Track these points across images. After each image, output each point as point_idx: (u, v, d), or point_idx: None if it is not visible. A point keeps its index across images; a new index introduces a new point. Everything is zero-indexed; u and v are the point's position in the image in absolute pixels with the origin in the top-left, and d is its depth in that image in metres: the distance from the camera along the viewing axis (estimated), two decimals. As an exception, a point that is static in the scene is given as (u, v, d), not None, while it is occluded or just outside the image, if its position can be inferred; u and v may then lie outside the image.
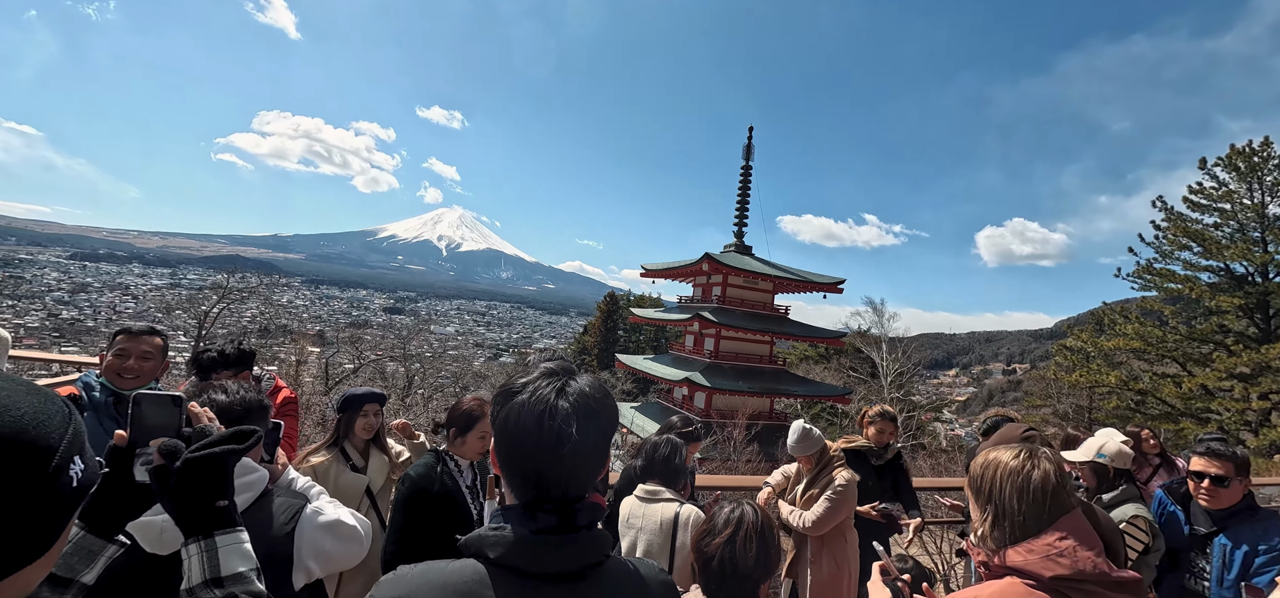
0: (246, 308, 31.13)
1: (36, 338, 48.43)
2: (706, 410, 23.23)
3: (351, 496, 2.61)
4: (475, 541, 0.93)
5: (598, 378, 1.03)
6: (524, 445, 0.93)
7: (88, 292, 79.44)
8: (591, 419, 0.95)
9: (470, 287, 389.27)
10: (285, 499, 1.45)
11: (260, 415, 1.46)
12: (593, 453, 0.96)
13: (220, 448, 1.00)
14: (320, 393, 21.32)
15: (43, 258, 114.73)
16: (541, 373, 0.99)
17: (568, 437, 0.92)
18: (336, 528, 1.48)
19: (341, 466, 2.62)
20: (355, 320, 75.41)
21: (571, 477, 0.94)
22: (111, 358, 2.38)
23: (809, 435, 3.29)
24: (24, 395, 0.64)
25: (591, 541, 0.95)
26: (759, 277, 26.25)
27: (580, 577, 0.94)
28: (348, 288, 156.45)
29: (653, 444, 2.61)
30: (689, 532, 2.27)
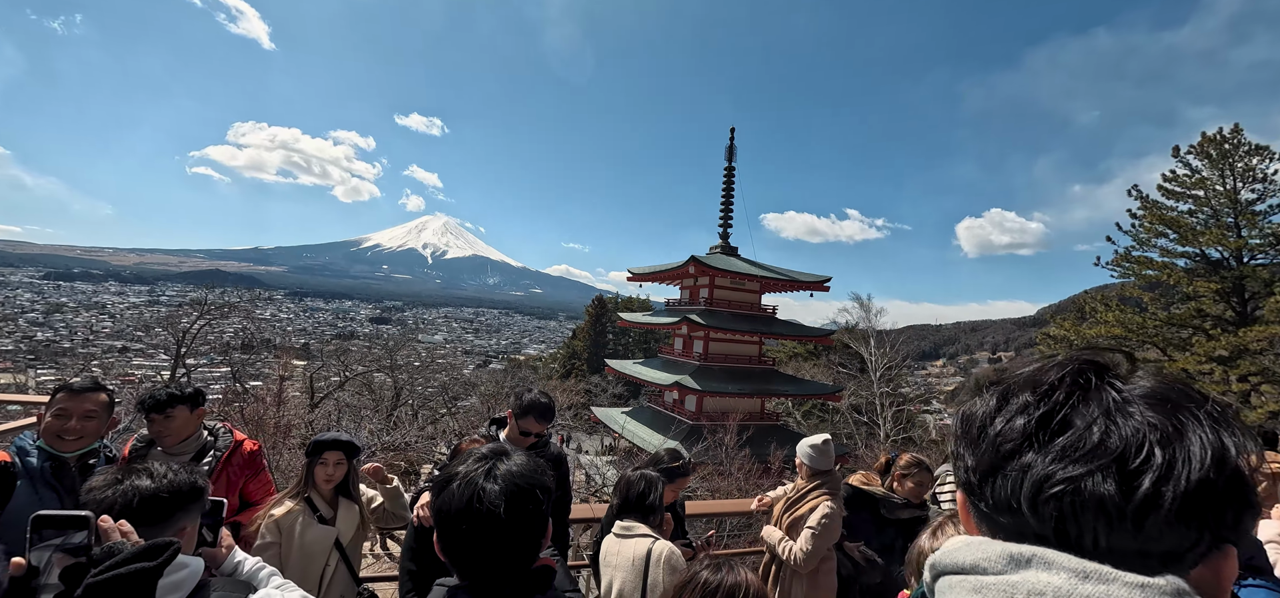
0: (228, 323, 30.49)
1: (11, 361, 47.19)
2: (697, 413, 23.17)
3: (319, 549, 2.47)
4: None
5: (529, 457, 1.11)
6: (458, 529, 1.00)
7: (62, 312, 77.59)
8: (519, 496, 1.02)
9: (457, 294, 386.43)
10: (223, 593, 1.33)
11: (193, 499, 1.33)
12: (525, 527, 1.03)
13: (130, 567, 0.88)
14: (307, 408, 20.95)
15: (15, 279, 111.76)
16: (474, 458, 1.06)
17: (496, 517, 0.99)
18: None
19: (309, 517, 2.47)
20: (341, 332, 74.50)
21: (507, 553, 1.01)
22: (50, 419, 2.21)
23: (825, 450, 3.17)
24: None
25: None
26: (746, 278, 26.26)
27: None
28: (333, 299, 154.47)
29: (628, 481, 2.52)
30: (660, 569, 2.23)
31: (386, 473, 2.81)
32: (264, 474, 2.92)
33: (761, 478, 12.81)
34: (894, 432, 27.41)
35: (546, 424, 2.88)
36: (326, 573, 2.50)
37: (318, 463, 2.53)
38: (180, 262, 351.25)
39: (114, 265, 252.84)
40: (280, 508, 2.45)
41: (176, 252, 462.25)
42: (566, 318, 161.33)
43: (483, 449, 1.11)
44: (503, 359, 73.38)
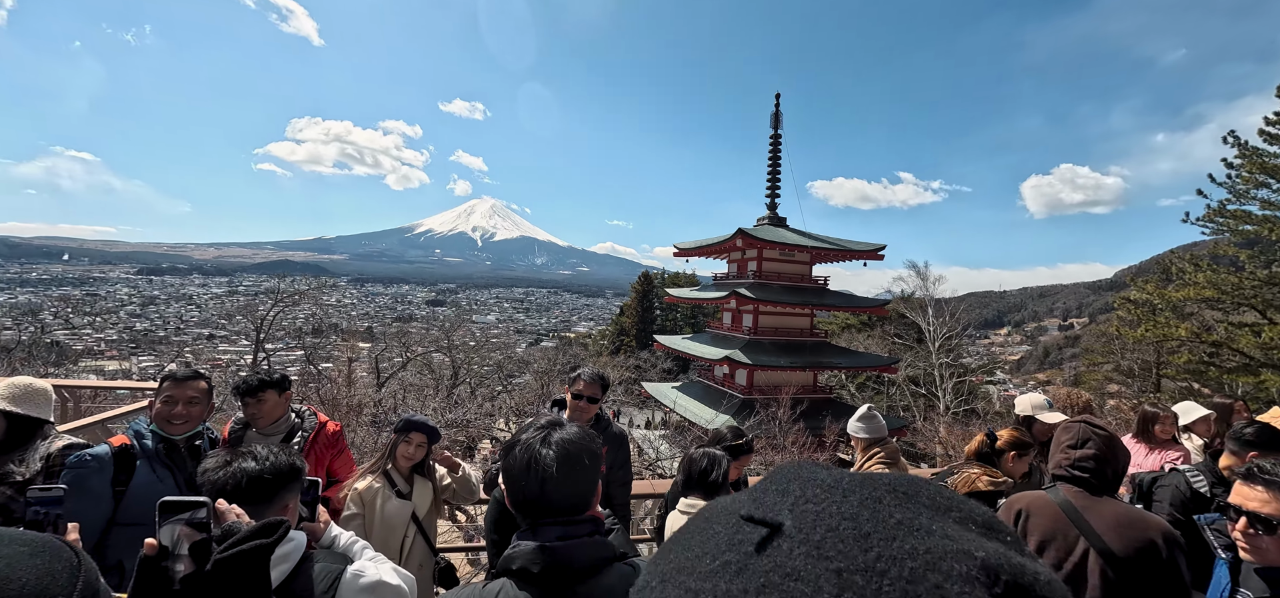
0: (299, 310, 32.56)
1: (116, 349, 51.95)
2: (748, 387, 23.02)
3: (398, 521, 2.65)
4: (502, 562, 1.16)
5: (582, 428, 1.27)
6: (519, 486, 1.20)
7: (156, 304, 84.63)
8: (570, 460, 1.19)
9: (507, 275, 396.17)
10: (325, 564, 1.44)
11: (293, 480, 1.44)
12: (576, 485, 1.20)
13: (250, 544, 0.98)
14: (374, 387, 22.18)
15: (113, 275, 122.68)
16: (533, 427, 1.25)
17: (550, 476, 1.17)
18: (378, 590, 1.46)
19: (388, 491, 2.65)
20: (400, 315, 77.88)
21: (561, 504, 1.18)
22: (160, 405, 2.43)
23: (872, 419, 3.15)
24: (27, 561, 0.61)
25: (593, 547, 1.17)
26: (795, 249, 25.64)
27: (585, 579, 1.14)
28: (391, 284, 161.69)
29: (691, 459, 2.53)
30: None
31: (455, 462, 2.96)
32: (347, 453, 3.13)
33: (816, 453, 12.65)
34: (955, 404, 26.37)
35: (602, 393, 2.97)
36: (406, 543, 2.67)
37: (403, 441, 2.70)
38: (253, 253, 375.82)
39: (196, 259, 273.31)
40: (362, 482, 2.63)
41: (249, 244, 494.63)
42: (613, 295, 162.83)
43: (542, 420, 1.29)
44: (553, 337, 74.99)
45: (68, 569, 0.64)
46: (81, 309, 60.50)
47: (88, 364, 38.97)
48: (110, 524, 2.23)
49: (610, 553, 1.20)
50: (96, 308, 72.95)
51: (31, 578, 0.60)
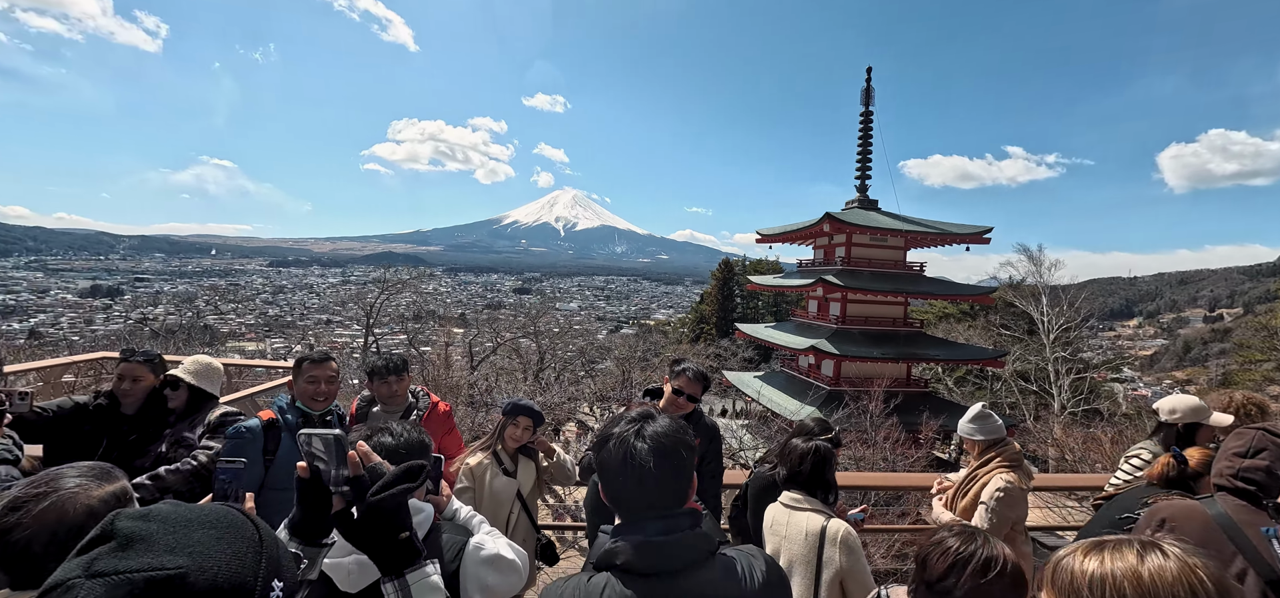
0: (402, 298, 35.28)
1: (253, 332, 59.05)
2: (835, 379, 22.12)
3: (505, 498, 2.78)
4: (604, 556, 1.16)
5: (674, 420, 1.25)
6: (616, 480, 1.19)
7: (284, 292, 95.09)
8: (666, 454, 1.17)
9: (588, 263, 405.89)
10: (451, 535, 1.53)
11: (423, 454, 1.54)
12: (673, 478, 1.18)
13: (396, 488, 1.06)
14: (468, 370, 23.61)
15: (250, 267, 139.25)
16: (626, 420, 1.23)
17: (648, 472, 1.15)
18: (497, 562, 1.53)
19: (496, 469, 2.80)
20: (490, 302, 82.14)
21: (659, 498, 1.17)
22: (305, 385, 2.72)
23: (987, 419, 2.90)
24: (215, 546, 0.63)
25: (692, 540, 1.15)
26: (887, 233, 24.17)
27: (687, 572, 1.13)
28: (481, 273, 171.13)
29: (798, 452, 2.43)
30: (837, 548, 2.17)
31: (552, 447, 3.07)
32: (455, 432, 3.35)
33: (908, 449, 11.91)
34: (1072, 403, 23.87)
35: (702, 392, 2.93)
36: (511, 519, 2.81)
37: (511, 423, 2.85)
38: (361, 246, 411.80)
39: (316, 252, 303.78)
40: (474, 458, 2.80)
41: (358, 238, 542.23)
42: (692, 282, 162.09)
43: (633, 413, 1.28)
44: (633, 324, 75.99)
45: (253, 548, 0.67)
46: (226, 297, 69.28)
47: (232, 345, 44.64)
48: (261, 488, 2.53)
49: (711, 546, 1.19)
50: (237, 296, 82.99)
51: (224, 566, 0.62)
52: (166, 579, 0.58)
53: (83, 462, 1.24)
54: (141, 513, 0.66)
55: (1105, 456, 10.63)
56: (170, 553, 0.60)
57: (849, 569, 2.15)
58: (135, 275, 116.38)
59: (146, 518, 0.64)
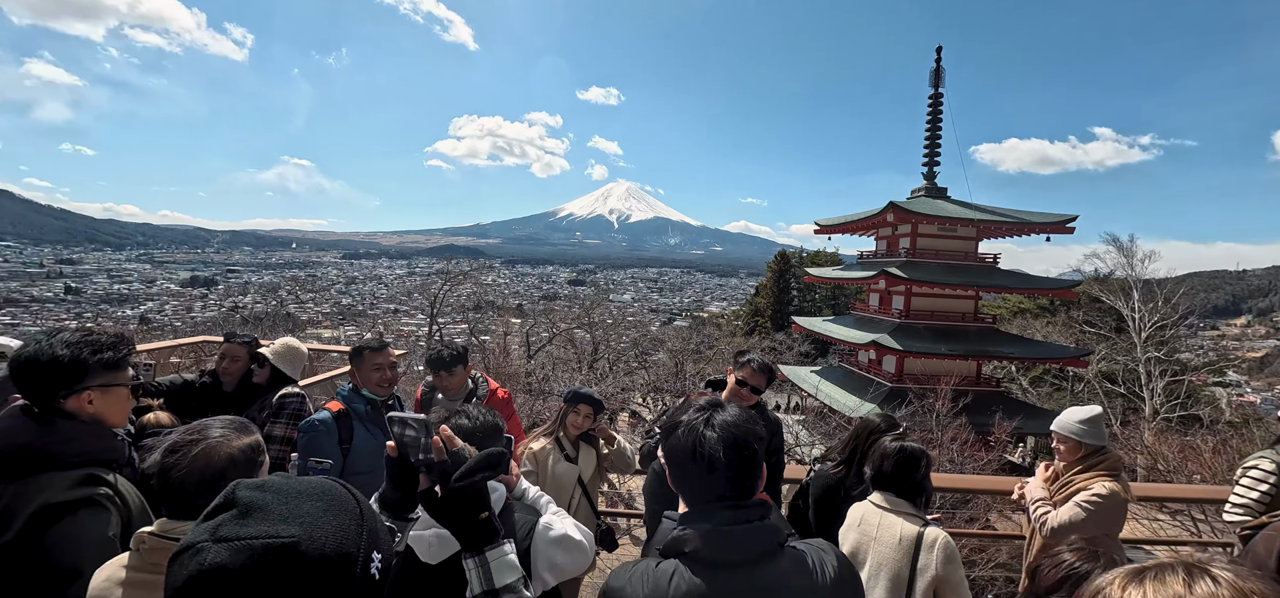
0: (463, 288, 36.64)
1: (329, 320, 63.05)
2: (897, 375, 21.24)
3: (566, 483, 2.85)
4: (672, 544, 1.16)
5: (743, 410, 1.24)
6: (684, 468, 1.20)
7: (356, 282, 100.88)
8: (737, 444, 1.16)
9: (641, 255, 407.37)
10: (522, 515, 1.58)
11: (497, 436, 1.59)
12: (743, 468, 1.17)
13: (480, 474, 1.11)
14: (525, 359, 24.30)
15: (325, 259, 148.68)
16: (694, 409, 1.23)
17: (717, 460, 1.15)
18: (565, 542, 1.57)
19: (558, 454, 2.87)
20: (546, 294, 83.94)
21: (728, 488, 1.17)
22: (370, 372, 2.84)
23: (1097, 423, 2.69)
24: (323, 517, 0.68)
25: (762, 532, 1.15)
26: (957, 223, 22.88)
27: (756, 563, 1.12)
28: (537, 265, 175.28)
29: (884, 452, 2.30)
30: (936, 556, 2.07)
31: (613, 435, 3.12)
32: (515, 417, 3.44)
33: (978, 451, 11.28)
34: (1166, 408, 21.89)
35: (767, 384, 2.89)
36: (572, 504, 2.87)
37: (572, 411, 2.91)
38: (426, 239, 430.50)
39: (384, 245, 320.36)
40: (537, 443, 2.89)
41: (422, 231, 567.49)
42: (747, 274, 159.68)
43: (701, 401, 1.29)
44: (686, 316, 75.69)
45: (356, 521, 0.71)
46: (305, 287, 74.18)
47: (310, 331, 47.87)
48: (341, 475, 2.67)
49: (780, 538, 1.17)
50: (315, 286, 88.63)
51: (332, 536, 0.67)
52: (281, 547, 0.63)
53: (225, 417, 1.43)
54: (258, 484, 0.71)
55: (1206, 466, 9.72)
56: (284, 523, 0.65)
57: (946, 578, 2.06)
58: (227, 267, 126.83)
59: (263, 489, 0.70)
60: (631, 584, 1.13)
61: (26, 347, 1.54)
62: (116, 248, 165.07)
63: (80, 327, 1.66)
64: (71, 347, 1.53)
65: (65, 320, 51.93)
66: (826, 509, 2.53)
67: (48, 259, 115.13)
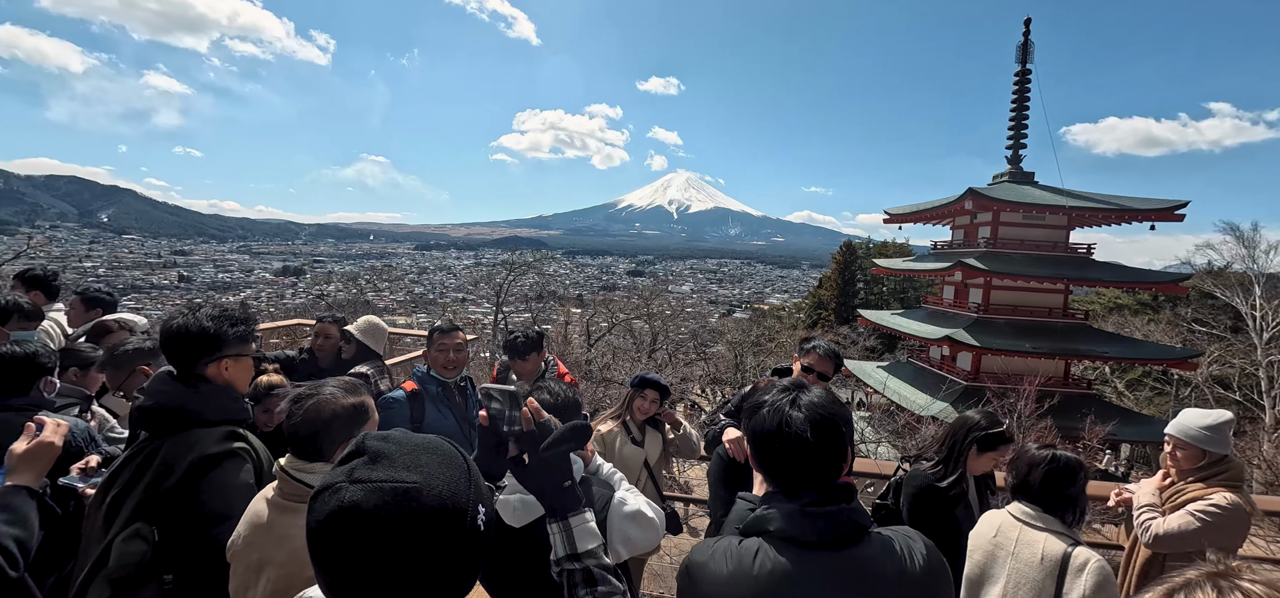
0: (526, 279, 37.78)
1: (403, 308, 66.82)
2: (973, 373, 20.05)
3: (633, 465, 2.90)
4: (756, 522, 1.16)
5: (828, 390, 1.23)
6: (769, 448, 1.18)
7: (427, 273, 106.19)
8: (823, 424, 1.15)
9: (700, 246, 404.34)
10: (598, 489, 1.63)
11: (577, 411, 1.66)
12: (827, 448, 1.15)
13: (564, 444, 1.17)
14: (585, 347, 24.79)
15: (399, 251, 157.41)
16: (778, 390, 1.23)
17: (804, 441, 1.13)
18: (639, 518, 1.61)
19: (625, 437, 2.92)
20: (606, 284, 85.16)
21: (815, 469, 1.15)
22: (436, 353, 3.00)
23: (1224, 430, 2.44)
24: (439, 469, 0.76)
25: (849, 514, 1.13)
26: (1046, 210, 21.23)
27: (840, 546, 1.11)
28: (597, 256, 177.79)
29: (1030, 460, 2.08)
30: (1087, 581, 1.84)
31: (680, 420, 3.14)
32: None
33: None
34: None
35: (834, 371, 2.83)
36: (638, 487, 2.92)
37: (638, 396, 2.95)
38: (491, 231, 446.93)
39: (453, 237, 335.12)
40: (604, 426, 2.95)
41: (487, 223, 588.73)
42: (810, 266, 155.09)
43: (784, 381, 1.28)
44: (746, 308, 74.56)
45: (465, 476, 0.79)
46: (382, 276, 78.87)
47: (387, 318, 50.97)
48: None
49: (866, 522, 1.15)
50: (390, 276, 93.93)
51: (446, 486, 0.74)
52: (405, 490, 0.71)
53: (344, 378, 1.68)
54: (383, 436, 0.80)
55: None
56: (407, 470, 0.73)
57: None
58: (313, 258, 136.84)
59: (387, 440, 0.78)
60: (714, 559, 1.13)
61: (175, 320, 1.76)
62: (220, 240, 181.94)
63: (218, 304, 1.89)
64: (213, 321, 1.75)
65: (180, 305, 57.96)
66: (923, 511, 2.37)
67: (164, 251, 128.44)
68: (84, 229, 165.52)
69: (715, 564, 1.13)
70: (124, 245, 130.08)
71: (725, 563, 1.12)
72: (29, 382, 2.03)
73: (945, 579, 1.16)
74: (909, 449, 11.86)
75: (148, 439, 1.66)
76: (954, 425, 2.53)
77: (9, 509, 1.38)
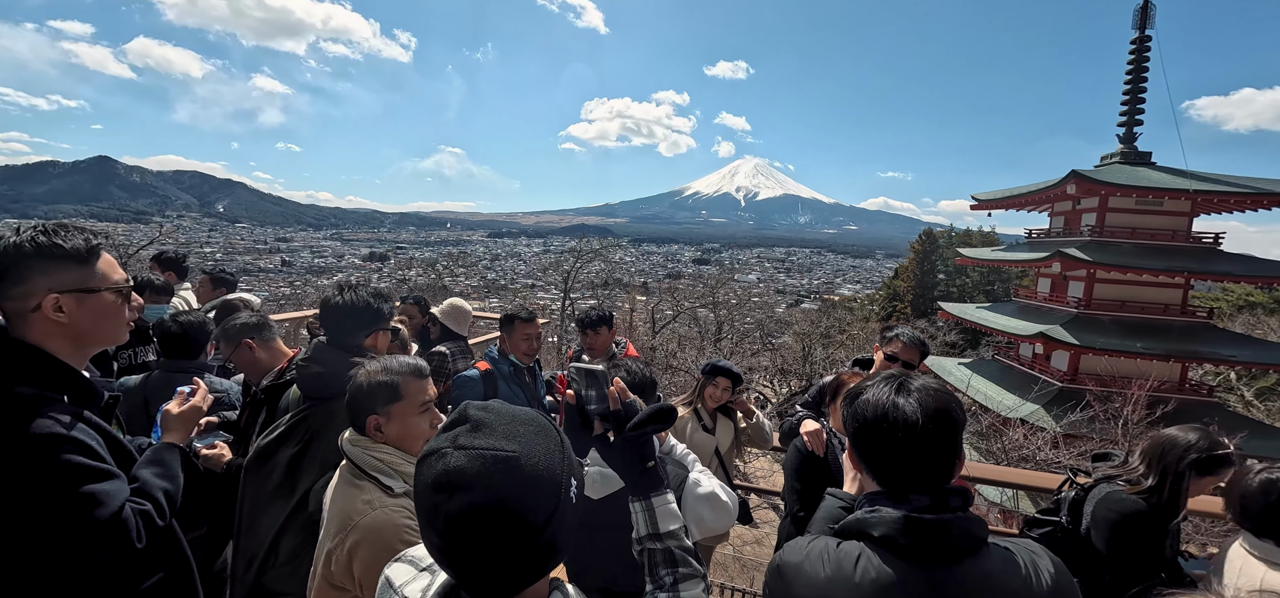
0: (593, 266, 38.42)
1: (477, 293, 70.00)
2: (1071, 374, 18.41)
3: (703, 452, 2.87)
4: (857, 524, 1.06)
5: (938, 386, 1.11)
6: (874, 441, 1.08)
7: (499, 259, 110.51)
8: (937, 417, 1.04)
9: (768, 234, 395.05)
10: (673, 469, 1.61)
11: (654, 390, 1.65)
12: (938, 439, 1.03)
13: (651, 426, 1.17)
14: (650, 335, 24.93)
15: (474, 239, 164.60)
16: (882, 379, 1.13)
17: (914, 434, 1.02)
18: (713, 500, 1.59)
19: (696, 424, 2.90)
20: (671, 272, 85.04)
21: (925, 467, 1.04)
22: (520, 341, 3.15)
23: None
24: (536, 440, 0.79)
25: (964, 523, 1.01)
26: (1165, 194, 19.02)
27: (956, 558, 0.99)
28: (663, 244, 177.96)
29: (1243, 488, 1.83)
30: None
31: (753, 409, 3.07)
32: None
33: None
34: None
35: (919, 360, 2.66)
36: (709, 474, 2.90)
37: (710, 383, 2.92)
38: (559, 219, 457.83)
39: (523, 225, 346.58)
40: (678, 411, 2.95)
41: (556, 211, 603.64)
42: (885, 256, 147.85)
43: (889, 372, 1.17)
44: (815, 299, 72.17)
45: (558, 449, 0.82)
46: (458, 263, 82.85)
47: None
48: None
49: (984, 532, 1.03)
50: (465, 262, 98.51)
51: (542, 458, 0.78)
52: (506, 458, 0.75)
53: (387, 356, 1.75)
54: (484, 406, 0.84)
55: None
56: (506, 439, 0.77)
57: None
58: (396, 244, 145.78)
59: (487, 410, 0.83)
60: (810, 561, 1.06)
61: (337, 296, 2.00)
62: (315, 228, 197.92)
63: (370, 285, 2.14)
64: (374, 298, 1.99)
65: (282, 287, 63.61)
66: (1129, 541, 2.00)
67: (269, 238, 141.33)
68: (204, 218, 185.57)
69: (810, 567, 1.05)
70: (236, 232, 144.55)
71: (822, 567, 1.04)
72: (200, 347, 2.39)
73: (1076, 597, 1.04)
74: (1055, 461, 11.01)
75: (312, 404, 1.88)
76: (1162, 445, 2.14)
77: (161, 464, 1.53)
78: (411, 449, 1.57)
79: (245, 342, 2.24)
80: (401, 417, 1.56)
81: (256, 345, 2.23)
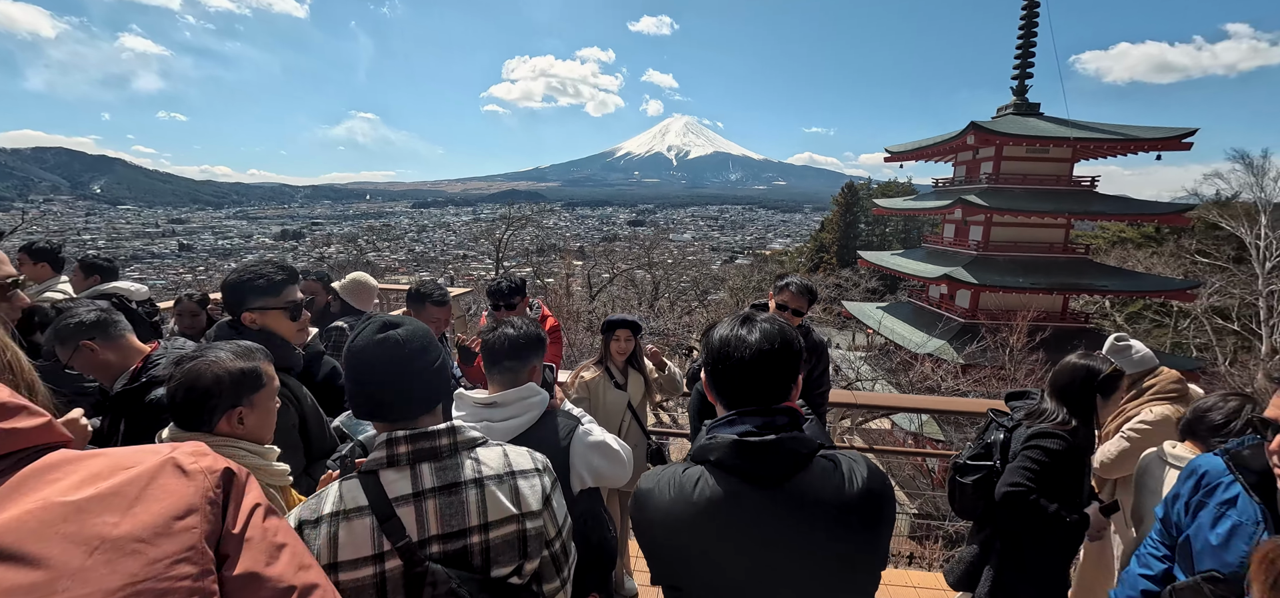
0: (525, 232, 37.60)
1: (405, 268, 66.86)
2: (972, 311, 20.16)
3: (616, 410, 2.98)
4: (699, 449, 1.16)
5: (783, 321, 1.20)
6: (717, 368, 1.17)
7: (426, 231, 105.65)
8: (769, 340, 1.13)
9: (701, 193, 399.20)
10: (563, 420, 1.70)
11: (538, 345, 1.72)
12: (773, 372, 1.13)
13: None
14: (588, 299, 24.92)
15: (397, 210, 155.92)
16: (734, 317, 1.22)
17: (748, 363, 1.13)
18: (603, 448, 1.68)
19: (608, 383, 2.99)
20: (606, 235, 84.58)
21: (757, 391, 1.14)
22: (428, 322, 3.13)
23: (1125, 351, 2.59)
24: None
25: (791, 443, 1.10)
26: (1050, 143, 20.85)
27: (787, 475, 1.09)
28: (597, 207, 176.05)
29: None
30: None
31: (663, 360, 3.19)
32: (558, 346, 3.65)
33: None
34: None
35: (808, 305, 2.87)
36: (622, 428, 3.01)
37: (611, 339, 3.01)
38: (488, 185, 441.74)
39: (449, 193, 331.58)
40: (589, 373, 3.02)
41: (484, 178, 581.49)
42: (812, 210, 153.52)
43: (741, 312, 1.28)
44: (748, 254, 74.33)
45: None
46: (381, 236, 78.64)
47: (389, 278, 51.10)
48: None
49: (810, 447, 1.12)
50: (390, 235, 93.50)
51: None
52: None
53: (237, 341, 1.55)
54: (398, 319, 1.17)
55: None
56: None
57: None
58: (311, 220, 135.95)
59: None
60: (659, 488, 1.15)
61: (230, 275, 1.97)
62: (216, 207, 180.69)
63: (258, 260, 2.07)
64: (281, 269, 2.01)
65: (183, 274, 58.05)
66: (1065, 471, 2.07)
67: (161, 220, 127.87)
68: (78, 201, 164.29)
69: (660, 492, 1.15)
70: (120, 216, 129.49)
71: (668, 491, 1.13)
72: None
73: (885, 500, 1.14)
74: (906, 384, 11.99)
75: None
76: (1070, 372, 2.16)
77: None
78: (266, 439, 1.48)
79: (83, 343, 1.87)
80: (263, 403, 1.46)
81: (99, 346, 1.88)
